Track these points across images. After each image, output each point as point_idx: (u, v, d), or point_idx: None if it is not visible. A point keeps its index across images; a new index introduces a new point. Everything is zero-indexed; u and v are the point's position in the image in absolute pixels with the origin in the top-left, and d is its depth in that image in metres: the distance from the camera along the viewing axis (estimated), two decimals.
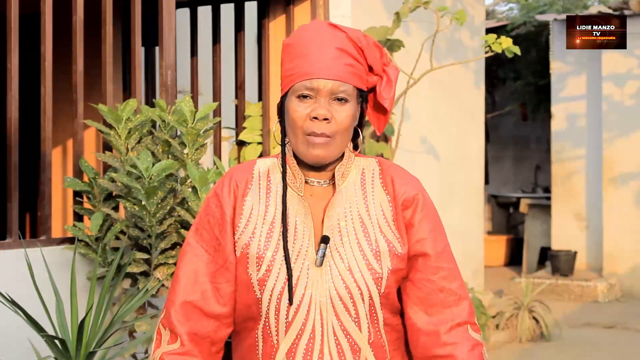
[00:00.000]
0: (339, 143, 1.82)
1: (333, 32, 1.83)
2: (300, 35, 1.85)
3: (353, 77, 1.82)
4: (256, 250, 1.83)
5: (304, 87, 1.80)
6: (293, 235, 1.83)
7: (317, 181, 1.87)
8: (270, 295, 1.81)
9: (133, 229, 3.41)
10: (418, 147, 7.75)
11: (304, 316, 1.80)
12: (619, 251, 9.58)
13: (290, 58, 1.84)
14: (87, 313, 2.92)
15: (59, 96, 4.40)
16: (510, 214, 12.34)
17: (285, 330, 1.81)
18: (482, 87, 8.86)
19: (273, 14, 4.95)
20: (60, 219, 5.53)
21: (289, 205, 1.85)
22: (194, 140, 3.50)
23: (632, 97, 9.59)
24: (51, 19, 3.62)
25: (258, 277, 1.82)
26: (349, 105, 1.82)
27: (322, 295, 1.80)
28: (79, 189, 3.58)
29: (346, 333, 1.81)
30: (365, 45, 1.85)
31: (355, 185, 1.89)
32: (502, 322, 7.10)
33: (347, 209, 1.86)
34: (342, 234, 1.83)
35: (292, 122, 1.82)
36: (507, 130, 12.61)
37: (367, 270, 1.81)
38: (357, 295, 1.80)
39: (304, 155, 1.82)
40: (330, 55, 1.80)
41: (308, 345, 1.81)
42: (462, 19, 5.66)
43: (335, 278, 1.81)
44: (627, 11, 9.05)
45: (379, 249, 1.83)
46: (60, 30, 3.90)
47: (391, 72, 1.89)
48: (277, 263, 1.81)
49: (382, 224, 1.86)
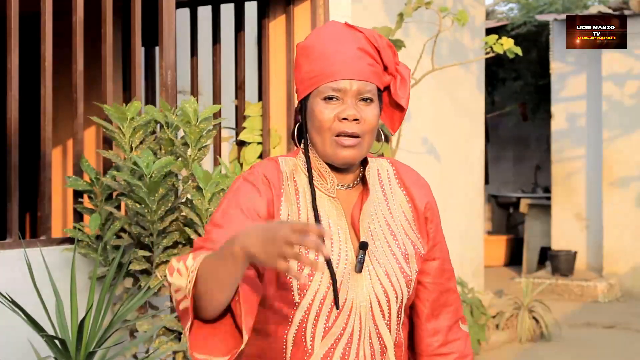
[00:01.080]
0: (367, 143, 1.81)
1: (352, 33, 1.82)
2: (318, 37, 1.83)
3: (375, 76, 1.82)
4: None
5: (329, 89, 1.78)
6: (330, 239, 1.80)
7: (340, 185, 1.84)
8: (312, 300, 1.76)
9: (135, 227, 3.42)
10: (418, 148, 7.75)
11: (344, 322, 1.78)
12: (619, 251, 9.58)
13: (310, 60, 1.81)
14: (87, 313, 2.92)
15: (59, 96, 4.40)
16: (510, 214, 12.34)
17: (322, 336, 1.78)
18: (482, 88, 8.86)
19: (273, 14, 4.95)
20: (60, 219, 5.53)
21: (320, 208, 1.82)
22: (197, 140, 3.51)
23: (632, 97, 9.59)
24: (51, 19, 3.62)
25: (299, 282, 1.76)
26: (374, 105, 1.81)
27: (363, 299, 1.79)
28: (81, 188, 3.58)
29: (379, 335, 1.82)
30: (382, 45, 1.84)
31: (375, 187, 1.88)
32: (502, 322, 7.10)
33: (373, 211, 1.85)
34: (374, 238, 1.82)
35: (319, 125, 1.79)
36: (507, 130, 12.62)
37: (401, 273, 1.82)
38: (392, 298, 1.81)
39: (333, 157, 1.79)
40: (353, 55, 1.79)
41: (345, 350, 1.79)
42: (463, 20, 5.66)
43: (374, 283, 1.80)
44: (627, 11, 9.05)
45: (407, 252, 1.84)
46: (60, 30, 3.90)
47: (404, 71, 1.88)
48: (320, 268, 1.75)
49: (405, 226, 1.87)
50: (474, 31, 8.52)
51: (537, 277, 9.59)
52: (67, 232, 3.49)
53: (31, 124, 4.65)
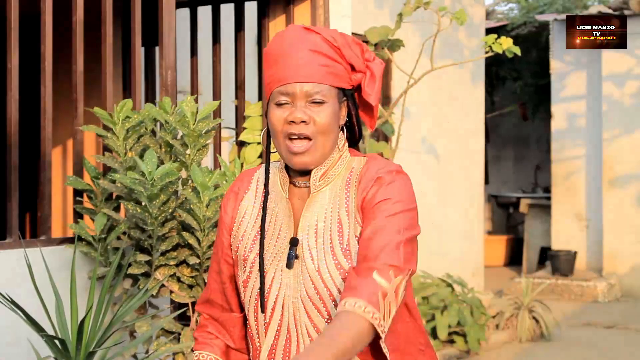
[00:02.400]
0: (321, 145, 1.81)
1: (306, 35, 1.82)
2: (275, 42, 1.85)
3: (329, 77, 1.81)
4: (242, 252, 1.88)
5: (279, 94, 1.81)
6: (276, 238, 1.86)
7: (303, 183, 1.88)
8: (250, 297, 1.87)
9: (135, 231, 3.40)
10: (418, 147, 7.74)
11: (279, 318, 1.84)
12: (619, 251, 9.58)
13: (268, 65, 1.84)
14: (87, 313, 2.92)
15: (59, 96, 4.40)
16: (510, 214, 12.33)
17: (265, 332, 1.86)
18: (482, 87, 8.86)
19: (273, 14, 4.95)
20: (60, 219, 5.53)
21: (278, 209, 1.88)
22: (195, 141, 3.48)
23: (632, 97, 9.59)
24: (51, 19, 3.62)
25: (242, 279, 1.88)
26: (327, 106, 1.80)
27: (294, 296, 1.82)
28: (81, 187, 3.58)
29: (319, 332, 1.81)
30: (342, 43, 1.83)
31: (341, 185, 1.86)
32: (502, 322, 7.10)
33: (328, 209, 1.84)
34: (317, 235, 1.83)
35: (273, 129, 1.82)
36: (507, 130, 12.61)
37: (336, 269, 1.79)
38: (325, 296, 1.80)
39: (288, 161, 1.83)
40: (303, 58, 1.79)
41: (286, 346, 1.84)
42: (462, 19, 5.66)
43: (305, 280, 1.81)
44: (627, 11, 9.05)
45: (349, 247, 1.80)
46: (60, 30, 3.90)
47: (375, 67, 1.87)
48: (257, 266, 1.85)
49: (354, 223, 1.82)
50: (473, 31, 8.52)
51: (537, 277, 9.59)
52: (72, 227, 3.48)
53: (31, 124, 4.65)
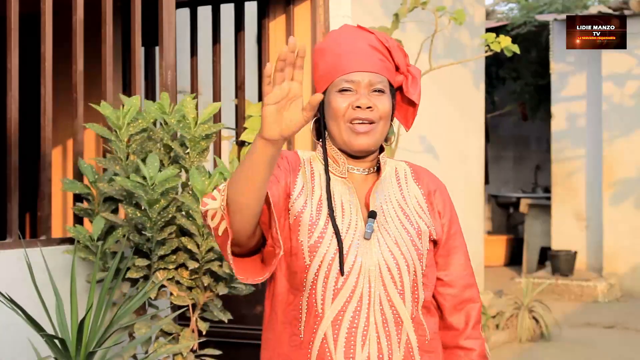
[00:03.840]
0: (380, 131, 1.95)
1: (363, 33, 1.99)
2: (332, 38, 2.00)
3: (386, 71, 1.96)
4: (309, 218, 1.90)
5: (343, 82, 1.93)
6: (341, 212, 1.92)
7: (356, 169, 1.98)
8: (320, 262, 1.87)
9: (134, 235, 3.39)
10: (418, 147, 7.74)
11: (353, 284, 1.87)
12: (619, 251, 9.58)
13: (325, 59, 1.97)
14: (87, 313, 2.92)
15: (59, 96, 4.39)
16: (510, 214, 12.33)
17: (332, 299, 1.87)
18: (481, 87, 8.86)
19: (273, 14, 4.95)
20: (60, 219, 5.53)
21: (334, 188, 1.95)
22: (196, 144, 3.45)
23: (632, 97, 9.59)
24: (51, 19, 3.62)
25: (309, 244, 1.88)
26: (386, 97, 1.95)
27: (372, 264, 1.88)
28: (77, 191, 3.54)
29: (391, 304, 1.89)
30: (392, 45, 1.99)
31: (391, 178, 2.03)
32: (502, 322, 7.10)
33: (387, 196, 1.98)
34: (385, 215, 1.95)
35: (334, 113, 1.93)
36: (507, 130, 12.61)
37: (412, 246, 1.93)
38: (403, 267, 1.90)
39: (348, 143, 1.93)
40: (365, 51, 1.95)
41: (355, 314, 1.86)
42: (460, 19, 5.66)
43: (383, 249, 1.90)
44: (627, 11, 9.04)
45: (420, 229, 1.96)
46: (60, 30, 3.90)
47: (415, 71, 2.03)
48: (329, 232, 1.88)
49: (419, 211, 2.00)
50: (473, 31, 8.52)
51: (537, 277, 9.59)
52: (69, 230, 3.47)
53: (31, 124, 4.65)
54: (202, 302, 3.46)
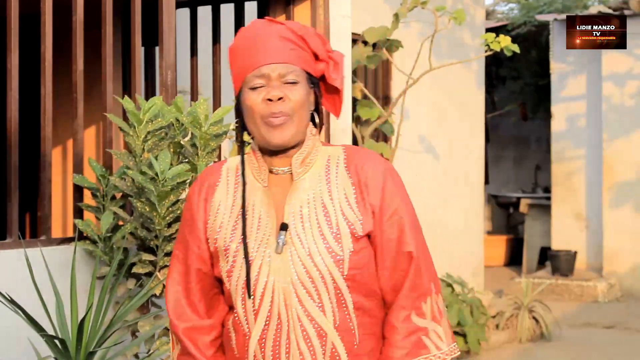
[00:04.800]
0: (297, 122, 1.87)
1: (272, 25, 1.92)
2: (241, 35, 1.95)
3: (299, 60, 1.89)
4: (222, 243, 1.91)
5: (254, 78, 1.88)
6: (257, 226, 1.89)
7: (281, 169, 1.92)
8: (236, 285, 1.88)
9: (141, 230, 3.40)
10: (418, 147, 7.74)
11: (269, 304, 1.86)
12: (619, 251, 9.58)
13: (237, 58, 1.93)
14: (87, 313, 2.92)
15: (59, 96, 4.39)
16: (510, 214, 12.33)
17: (254, 319, 1.87)
18: (482, 87, 8.86)
19: (273, 14, 4.95)
20: (60, 219, 5.53)
21: (255, 198, 1.92)
22: (206, 143, 3.48)
23: (632, 97, 9.59)
24: (51, 19, 3.62)
25: (226, 269, 1.90)
26: (300, 87, 1.88)
27: (285, 282, 1.85)
28: (87, 185, 3.57)
29: (311, 318, 1.85)
30: (306, 33, 1.92)
31: (320, 172, 1.92)
32: (502, 322, 7.10)
33: (311, 195, 1.90)
34: (303, 220, 1.87)
35: (249, 111, 1.88)
36: (507, 130, 12.61)
37: (328, 253, 1.85)
38: (318, 280, 1.84)
39: (267, 140, 1.88)
40: (273, 43, 1.88)
41: (277, 332, 1.86)
42: (460, 18, 5.67)
43: (296, 264, 1.85)
44: (627, 11, 9.04)
45: (340, 231, 1.86)
46: (60, 30, 3.90)
47: (337, 56, 1.96)
48: (240, 254, 1.87)
49: (345, 207, 1.88)
50: (473, 31, 8.52)
51: (537, 277, 9.59)
52: (77, 223, 3.47)
53: (31, 124, 4.65)
54: None
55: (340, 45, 4.85)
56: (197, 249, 1.95)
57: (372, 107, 6.31)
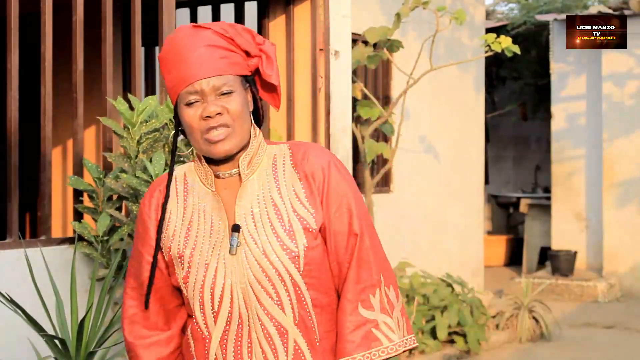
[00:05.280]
0: (238, 131, 1.86)
1: (198, 33, 1.87)
2: (169, 45, 1.88)
3: (231, 67, 1.86)
4: (176, 250, 1.91)
5: (188, 94, 1.85)
6: (209, 231, 1.89)
7: (228, 173, 1.91)
8: (193, 290, 1.88)
9: None
10: (418, 147, 7.74)
11: (228, 305, 1.86)
12: (619, 251, 9.58)
13: (168, 69, 1.88)
14: (87, 313, 2.92)
15: (59, 96, 4.40)
16: (510, 214, 12.33)
17: (214, 322, 1.87)
18: (482, 87, 8.86)
19: (273, 14, 4.95)
20: (60, 219, 5.53)
21: (205, 203, 1.92)
22: None
23: (632, 97, 9.59)
24: (51, 19, 3.62)
25: (182, 276, 1.90)
26: (236, 95, 1.86)
27: (242, 282, 1.85)
28: (83, 188, 3.57)
29: (270, 317, 1.86)
30: (234, 33, 1.88)
31: (267, 171, 1.92)
32: (502, 322, 7.10)
33: (260, 195, 1.90)
34: (255, 220, 1.87)
35: (188, 128, 1.87)
36: (507, 130, 12.61)
37: (282, 250, 1.85)
38: (275, 278, 1.85)
39: (210, 153, 1.87)
40: (202, 54, 1.84)
41: (237, 332, 1.86)
42: (461, 19, 5.67)
43: (251, 264, 1.85)
44: (627, 11, 9.04)
45: (292, 228, 1.86)
46: (60, 30, 3.90)
47: (268, 49, 1.93)
48: (195, 258, 1.88)
49: (295, 203, 1.89)
50: (473, 31, 8.52)
51: (537, 277, 9.59)
52: (74, 226, 3.47)
53: (31, 124, 4.65)
54: None
55: (340, 45, 4.85)
56: (150, 258, 1.95)
57: (372, 107, 6.32)
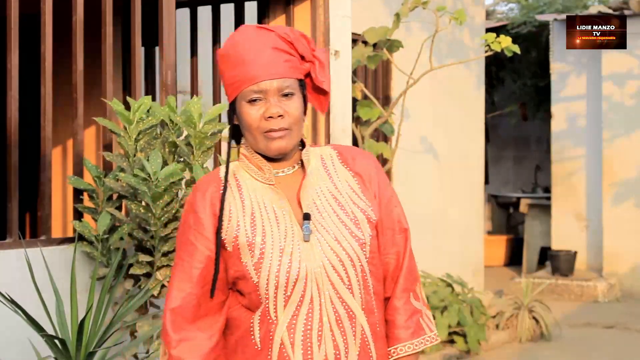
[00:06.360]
0: (296, 133, 1.96)
1: (264, 35, 1.96)
2: (233, 44, 1.98)
3: (292, 70, 1.96)
4: (245, 238, 1.94)
5: (252, 92, 1.93)
6: (275, 221, 1.95)
7: (281, 171, 2.00)
8: (267, 275, 1.91)
9: (137, 231, 3.40)
10: (418, 147, 7.74)
11: (302, 289, 1.91)
12: (619, 251, 9.58)
13: (230, 67, 1.96)
14: (87, 313, 2.92)
15: (59, 96, 4.39)
16: (510, 214, 12.33)
17: (284, 306, 1.92)
18: (482, 87, 8.86)
19: (273, 14, 4.95)
20: (60, 219, 5.53)
21: (263, 196, 1.98)
22: (201, 142, 3.47)
23: (632, 97, 9.59)
24: (51, 19, 3.62)
25: (253, 263, 1.93)
26: (296, 98, 1.96)
27: (316, 266, 1.92)
28: (83, 187, 3.57)
29: (342, 301, 1.93)
30: (294, 38, 1.98)
31: (319, 169, 2.03)
32: (502, 322, 7.10)
33: (318, 189, 1.99)
34: (320, 211, 1.96)
35: (248, 126, 1.95)
36: (507, 130, 12.61)
37: (352, 237, 1.95)
38: (347, 262, 1.93)
39: (266, 150, 1.96)
40: (269, 56, 1.94)
41: (308, 316, 1.92)
42: (461, 19, 5.67)
43: (325, 249, 1.93)
44: (627, 11, 9.04)
45: (357, 217, 1.97)
46: (60, 30, 3.90)
47: (321, 55, 2.02)
48: (268, 245, 1.93)
49: (353, 196, 2.00)
50: (474, 31, 8.52)
51: (537, 277, 9.59)
52: (75, 225, 3.47)
53: (31, 124, 4.65)
54: None
55: (340, 45, 4.85)
56: (208, 251, 1.97)
57: (372, 107, 6.32)
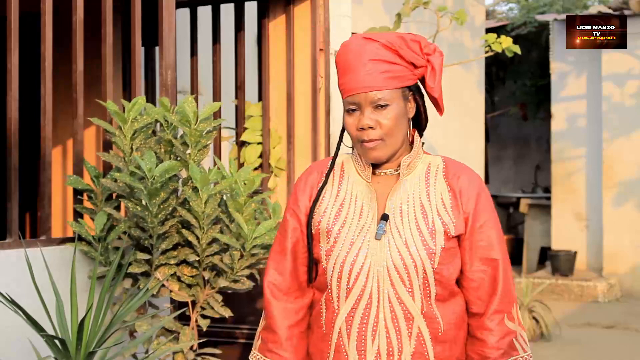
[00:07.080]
0: (391, 142, 2.06)
1: (366, 45, 2.05)
2: (343, 52, 2.09)
3: (390, 81, 2.04)
4: (325, 225, 2.10)
5: (348, 103, 2.07)
6: (358, 215, 2.08)
7: (384, 171, 2.12)
8: (334, 264, 2.06)
9: (135, 229, 3.41)
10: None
11: (363, 283, 2.03)
12: (619, 251, 9.58)
13: (339, 74, 2.10)
14: (87, 313, 2.92)
15: (59, 96, 4.39)
16: (510, 214, 12.33)
17: (345, 297, 2.05)
18: (482, 88, 8.86)
19: (273, 14, 4.95)
20: (61, 219, 5.53)
21: (358, 190, 2.12)
22: (196, 141, 3.49)
23: (632, 97, 9.59)
24: (51, 19, 3.62)
25: (326, 249, 2.09)
26: (391, 108, 2.04)
27: (380, 265, 2.03)
28: (81, 187, 3.58)
29: (400, 301, 2.03)
30: (400, 45, 2.05)
31: (420, 176, 2.12)
32: None
33: (410, 194, 2.09)
34: (402, 215, 2.07)
35: (348, 132, 2.10)
36: (507, 130, 12.61)
37: (422, 246, 2.04)
38: (411, 267, 2.03)
39: (364, 157, 2.10)
40: (365, 69, 2.03)
41: (365, 311, 2.04)
42: (462, 19, 5.66)
43: (392, 250, 2.04)
44: (627, 11, 9.04)
45: (435, 228, 2.05)
46: (60, 30, 3.90)
47: (435, 60, 2.09)
48: (342, 236, 2.07)
49: (440, 209, 2.08)
50: (474, 31, 8.52)
51: (537, 277, 9.59)
52: (72, 225, 3.48)
53: (31, 124, 4.65)
54: (202, 299, 3.49)
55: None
56: (299, 229, 2.15)
57: None
